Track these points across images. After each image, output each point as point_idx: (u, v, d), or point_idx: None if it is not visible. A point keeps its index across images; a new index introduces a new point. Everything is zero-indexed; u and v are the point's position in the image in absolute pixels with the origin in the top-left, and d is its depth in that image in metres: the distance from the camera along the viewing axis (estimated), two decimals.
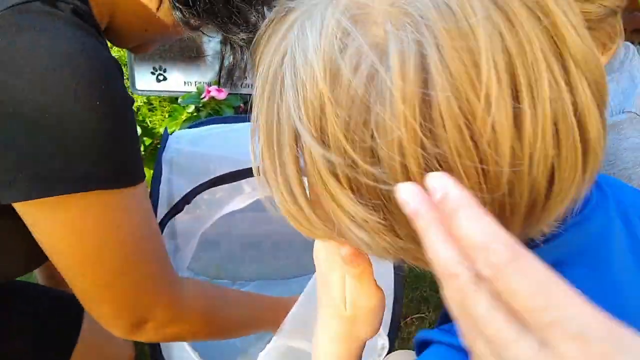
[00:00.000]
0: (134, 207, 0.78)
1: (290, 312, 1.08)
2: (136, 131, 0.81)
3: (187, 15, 0.81)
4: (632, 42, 1.20)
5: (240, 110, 1.66)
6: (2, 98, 0.65)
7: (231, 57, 0.88)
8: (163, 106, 1.69)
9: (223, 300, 0.99)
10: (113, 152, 0.73)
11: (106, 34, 0.84)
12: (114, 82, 0.72)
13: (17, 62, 0.66)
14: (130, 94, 1.64)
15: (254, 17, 0.86)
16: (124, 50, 1.69)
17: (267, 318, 1.08)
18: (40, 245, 0.76)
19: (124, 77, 0.82)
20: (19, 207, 0.72)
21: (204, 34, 0.86)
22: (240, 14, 0.83)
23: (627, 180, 0.91)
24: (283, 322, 1.08)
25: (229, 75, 0.90)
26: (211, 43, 0.93)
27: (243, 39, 0.84)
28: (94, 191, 0.72)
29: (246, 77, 0.93)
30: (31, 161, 0.68)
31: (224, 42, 0.89)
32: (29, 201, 0.70)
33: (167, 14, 0.83)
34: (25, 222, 0.74)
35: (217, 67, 1.53)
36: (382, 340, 1.10)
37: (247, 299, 1.08)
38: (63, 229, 0.73)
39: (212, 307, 0.95)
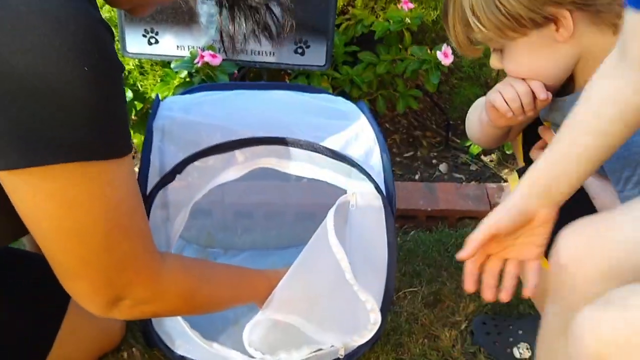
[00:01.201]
0: (120, 181, 0.76)
1: (278, 286, 1.07)
2: (125, 101, 0.79)
3: None
4: None
5: (235, 76, 1.62)
6: None
7: (233, 21, 0.87)
8: (155, 70, 1.65)
9: (203, 277, 0.98)
10: (100, 121, 0.71)
11: None
12: (104, 48, 0.71)
13: (6, 26, 0.64)
14: (120, 57, 1.61)
15: None
16: (114, 10, 1.64)
17: (246, 293, 1.08)
18: (21, 216, 0.75)
19: (114, 39, 0.79)
20: (4, 175, 0.70)
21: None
22: None
23: (636, 164, 0.92)
24: (271, 295, 1.08)
25: (231, 42, 0.89)
26: (204, 7, 0.90)
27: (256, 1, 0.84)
28: (80, 162, 0.70)
29: (248, 43, 0.91)
30: (18, 130, 0.67)
31: (222, 5, 0.86)
32: (14, 170, 0.69)
33: None
34: (7, 192, 0.73)
35: (211, 32, 1.50)
36: (374, 315, 1.10)
37: (229, 275, 1.07)
38: (46, 199, 0.72)
39: (191, 285, 0.94)
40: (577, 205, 1.00)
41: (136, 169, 1.00)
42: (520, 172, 1.08)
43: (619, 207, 0.94)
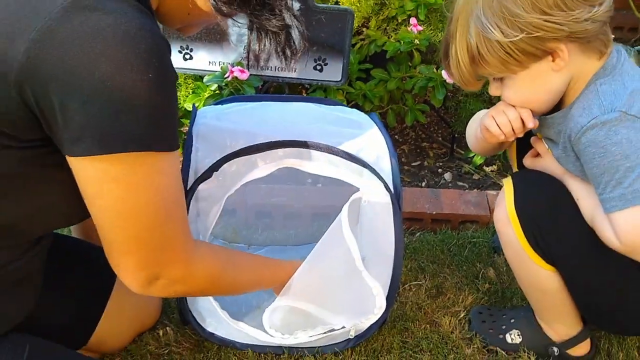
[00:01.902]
0: (170, 171, 0.89)
1: (294, 276, 1.20)
2: (177, 104, 0.92)
3: (219, 3, 0.91)
4: (629, 41, 1.28)
5: (259, 89, 1.78)
6: (74, 70, 0.77)
7: (259, 42, 0.99)
8: (187, 83, 1.81)
9: (230, 263, 1.10)
10: (160, 119, 0.84)
11: (156, 16, 0.96)
12: (164, 59, 0.85)
13: (85, 39, 0.77)
14: None
15: (280, 7, 0.95)
16: None
17: (266, 279, 1.21)
18: (85, 197, 0.87)
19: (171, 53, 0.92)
20: (77, 161, 0.83)
21: (235, 21, 0.97)
22: (269, 4, 0.94)
23: (615, 170, 1.00)
24: (287, 283, 1.20)
25: (256, 59, 1.01)
26: (235, 27, 1.03)
27: (276, 25, 0.95)
28: (141, 152, 0.83)
29: (269, 61, 1.04)
30: (94, 123, 0.79)
31: (251, 29, 0.99)
32: (87, 157, 0.81)
33: (203, 2, 0.94)
34: (77, 176, 0.85)
35: (240, 49, 1.66)
36: (380, 300, 1.22)
37: (252, 262, 1.19)
38: (111, 182, 0.84)
39: (219, 269, 1.05)
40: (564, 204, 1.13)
41: None
42: (514, 177, 1.20)
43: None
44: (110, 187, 0.84)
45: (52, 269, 1.07)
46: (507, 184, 1.19)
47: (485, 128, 1.17)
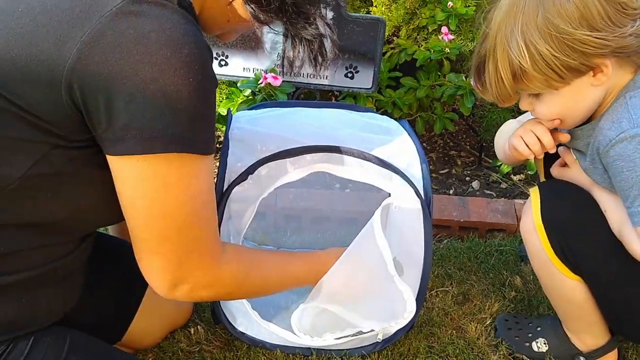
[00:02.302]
0: (204, 174, 0.90)
1: (323, 279, 1.20)
2: (215, 109, 0.93)
3: (257, 11, 0.94)
4: None
5: (292, 96, 1.82)
6: (120, 71, 0.80)
7: (293, 49, 1.01)
8: (222, 88, 1.85)
9: (256, 261, 1.10)
10: (199, 122, 0.86)
11: (198, 22, 0.98)
12: (205, 64, 0.86)
13: (131, 42, 0.80)
14: None
15: (315, 15, 0.98)
16: None
17: (300, 274, 1.19)
18: (120, 196, 0.89)
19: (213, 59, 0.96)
20: (118, 160, 0.85)
21: (271, 28, 0.99)
22: (305, 12, 0.97)
23: None
24: (318, 285, 1.21)
25: (290, 66, 1.03)
26: (269, 35, 1.05)
27: (311, 33, 0.97)
28: (179, 153, 0.85)
29: (302, 68, 1.06)
30: (136, 123, 0.81)
31: (287, 36, 1.01)
32: (127, 156, 0.84)
33: (242, 9, 0.97)
34: (115, 175, 0.88)
35: (274, 57, 1.69)
36: (411, 306, 1.22)
37: (279, 258, 1.19)
38: (147, 181, 0.85)
39: (245, 269, 1.05)
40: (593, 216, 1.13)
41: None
42: (541, 187, 1.21)
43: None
44: (147, 186, 0.86)
45: (92, 266, 1.11)
46: (534, 193, 1.20)
47: (513, 148, 1.18)
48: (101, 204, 0.95)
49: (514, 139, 1.17)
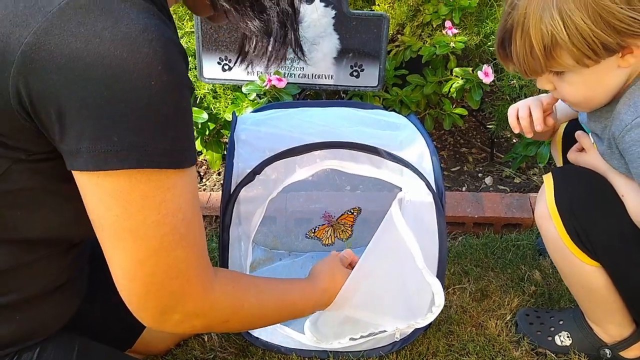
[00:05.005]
0: (180, 190, 0.79)
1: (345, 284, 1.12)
2: (190, 116, 0.82)
3: None
4: None
5: (297, 97, 1.80)
6: (70, 75, 0.71)
7: (251, 43, 0.91)
8: (226, 94, 1.83)
9: (254, 287, 0.99)
10: (165, 131, 0.74)
11: (185, 3, 0.92)
12: (170, 63, 0.74)
13: (82, 42, 0.70)
14: (196, 82, 1.78)
15: (269, 9, 0.86)
16: (192, 41, 1.86)
17: (302, 303, 1.08)
18: (89, 215, 0.79)
19: (188, 62, 0.85)
20: (77, 175, 0.77)
21: (228, 19, 0.87)
22: (262, 5, 0.85)
23: None
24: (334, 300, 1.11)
25: (243, 60, 0.95)
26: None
27: (256, 26, 0.85)
28: (142, 169, 0.74)
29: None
30: (90, 133, 0.72)
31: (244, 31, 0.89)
32: (85, 172, 0.75)
33: None
34: (80, 190, 0.78)
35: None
36: (439, 300, 1.15)
37: (279, 285, 1.06)
38: (111, 199, 0.76)
39: (241, 296, 0.95)
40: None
41: (216, 174, 1.11)
42: (554, 173, 1.18)
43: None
44: (109, 205, 0.76)
45: (102, 272, 1.07)
46: (547, 179, 1.18)
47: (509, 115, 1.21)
48: (76, 219, 0.85)
49: (511, 109, 1.18)
